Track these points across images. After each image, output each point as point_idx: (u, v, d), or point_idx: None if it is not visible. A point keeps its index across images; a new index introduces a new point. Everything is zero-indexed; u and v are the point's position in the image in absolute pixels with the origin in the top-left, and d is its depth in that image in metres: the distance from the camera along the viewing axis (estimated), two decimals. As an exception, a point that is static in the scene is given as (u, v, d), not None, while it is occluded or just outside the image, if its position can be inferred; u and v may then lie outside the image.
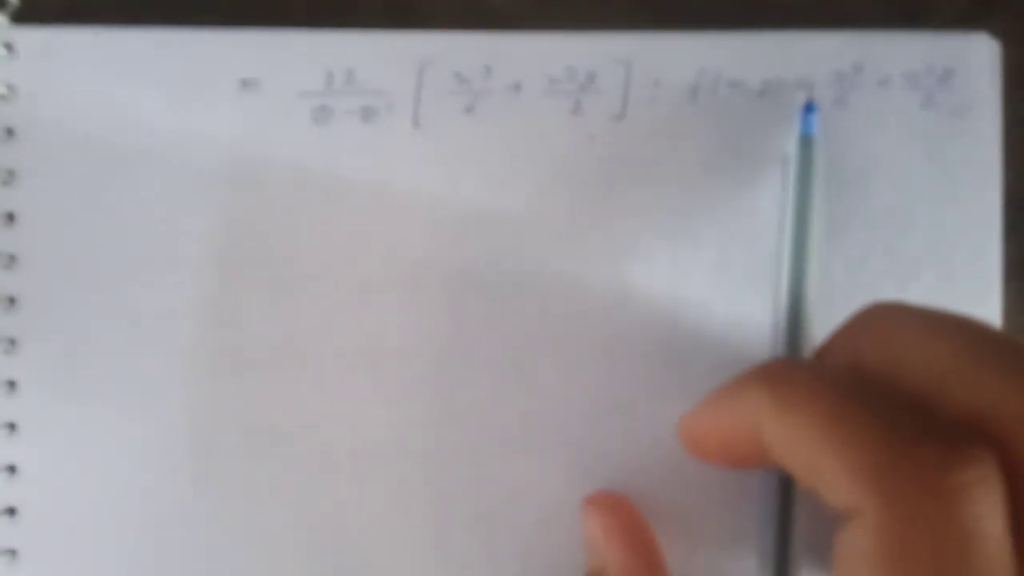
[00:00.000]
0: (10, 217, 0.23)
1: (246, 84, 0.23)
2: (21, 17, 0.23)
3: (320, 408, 0.23)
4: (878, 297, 0.21)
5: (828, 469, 0.17)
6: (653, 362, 0.23)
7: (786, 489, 0.21)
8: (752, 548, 0.23)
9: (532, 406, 0.23)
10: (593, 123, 0.23)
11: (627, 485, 0.23)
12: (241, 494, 0.23)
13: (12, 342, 0.23)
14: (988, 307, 0.23)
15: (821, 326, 0.21)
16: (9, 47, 0.23)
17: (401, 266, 0.23)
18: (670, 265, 0.23)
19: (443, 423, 0.23)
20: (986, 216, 0.24)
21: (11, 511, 0.23)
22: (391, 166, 0.23)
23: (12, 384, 0.23)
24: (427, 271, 0.23)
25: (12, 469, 0.23)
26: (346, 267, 0.23)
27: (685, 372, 0.23)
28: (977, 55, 0.24)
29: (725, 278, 0.23)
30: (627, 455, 0.23)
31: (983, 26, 0.24)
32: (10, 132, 0.23)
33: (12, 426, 0.23)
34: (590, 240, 0.23)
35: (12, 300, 0.23)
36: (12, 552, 0.23)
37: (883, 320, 0.20)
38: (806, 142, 0.22)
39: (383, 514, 0.23)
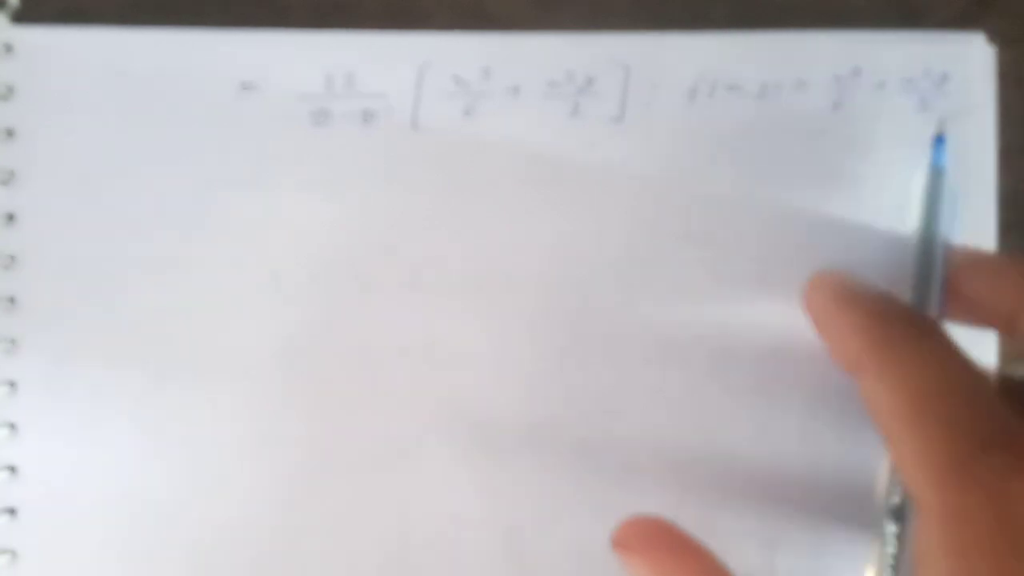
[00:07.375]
0: (10, 217, 0.23)
1: (246, 86, 0.23)
2: (21, 17, 0.23)
3: (319, 408, 0.23)
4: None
5: (908, 453, 0.18)
6: (654, 364, 0.23)
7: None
8: (747, 544, 0.23)
9: (530, 403, 0.23)
10: (592, 126, 0.24)
11: (625, 485, 0.23)
12: (239, 493, 0.23)
13: (12, 342, 0.23)
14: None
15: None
16: (9, 47, 0.23)
17: (400, 267, 0.23)
18: (669, 266, 0.23)
19: (442, 421, 0.23)
20: (981, 217, 0.24)
21: (11, 511, 0.23)
22: (390, 168, 0.23)
23: (12, 384, 0.23)
24: (426, 271, 0.23)
25: (12, 469, 0.23)
26: (345, 268, 0.23)
27: (687, 374, 0.23)
28: (973, 57, 0.24)
29: (725, 278, 0.23)
30: (626, 456, 0.23)
31: (979, 27, 0.24)
32: (10, 132, 0.23)
33: (12, 426, 0.23)
34: (590, 241, 0.24)
35: (12, 300, 0.23)
36: (12, 552, 0.23)
37: None
38: (936, 172, 0.23)
39: (381, 515, 0.23)
